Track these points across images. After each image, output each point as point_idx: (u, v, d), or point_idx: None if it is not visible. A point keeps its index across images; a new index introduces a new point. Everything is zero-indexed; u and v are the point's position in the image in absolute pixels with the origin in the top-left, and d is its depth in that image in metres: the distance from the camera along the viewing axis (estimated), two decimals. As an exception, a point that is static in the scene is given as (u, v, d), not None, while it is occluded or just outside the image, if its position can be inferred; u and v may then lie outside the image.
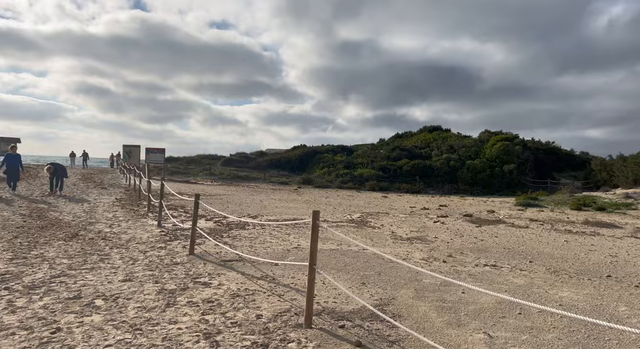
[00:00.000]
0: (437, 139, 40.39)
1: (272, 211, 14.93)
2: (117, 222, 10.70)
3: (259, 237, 9.27)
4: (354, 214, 15.34)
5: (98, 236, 8.77)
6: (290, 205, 17.41)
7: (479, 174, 31.85)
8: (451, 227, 12.23)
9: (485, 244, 9.46)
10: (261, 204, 17.05)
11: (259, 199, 19.67)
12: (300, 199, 21.24)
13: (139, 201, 15.62)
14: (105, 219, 11.20)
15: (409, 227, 11.97)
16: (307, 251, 7.96)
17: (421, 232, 10.92)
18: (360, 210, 16.79)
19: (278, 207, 16.31)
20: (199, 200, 7.37)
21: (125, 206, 14.05)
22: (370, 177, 33.82)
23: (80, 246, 7.68)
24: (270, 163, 41.01)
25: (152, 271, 6.18)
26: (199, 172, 37.00)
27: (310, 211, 15.17)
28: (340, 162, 37.88)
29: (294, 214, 14.21)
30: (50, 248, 7.40)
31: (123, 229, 9.70)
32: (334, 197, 23.77)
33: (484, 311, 4.82)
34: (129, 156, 34.31)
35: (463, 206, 21.21)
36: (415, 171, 33.62)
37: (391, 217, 14.54)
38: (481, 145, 36.10)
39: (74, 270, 6.07)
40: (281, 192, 26.19)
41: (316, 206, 17.52)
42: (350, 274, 6.35)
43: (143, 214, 12.39)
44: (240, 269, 6.48)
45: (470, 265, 7.28)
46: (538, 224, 14.10)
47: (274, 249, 8.09)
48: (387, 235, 10.37)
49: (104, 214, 12.16)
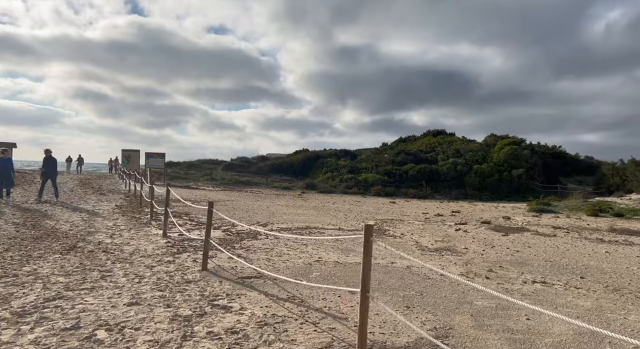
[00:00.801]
0: (442, 143, 39.63)
1: (281, 218, 14.12)
2: (118, 232, 9.88)
3: (274, 249, 8.47)
4: (367, 221, 14.54)
5: (98, 248, 7.96)
6: (298, 211, 16.61)
7: (487, 179, 31.08)
8: (476, 236, 11.44)
9: (523, 255, 8.67)
10: (268, 211, 16.25)
11: (264, 205, 18.86)
12: (307, 205, 20.44)
13: (140, 208, 14.80)
14: (105, 228, 10.39)
15: (431, 236, 11.17)
16: (330, 265, 7.18)
17: (447, 242, 10.13)
18: (372, 217, 16.00)
19: (287, 214, 15.51)
20: (212, 208, 6.56)
21: (126, 214, 13.23)
22: (376, 182, 33.03)
23: (79, 260, 6.87)
24: (272, 168, 40.17)
25: (161, 292, 5.38)
26: (199, 177, 36.17)
27: (321, 218, 14.09)
28: (343, 166, 37.07)
29: (305, 222, 13.41)
30: (45, 263, 6.59)
31: (125, 240, 8.89)
32: (341, 203, 22.99)
33: (566, 345, 4.03)
34: (128, 161, 33.48)
35: (476, 212, 20.43)
36: (422, 175, 32.84)
37: (408, 225, 13.75)
38: (488, 149, 35.34)
39: (72, 291, 5.27)
40: (285, 197, 25.39)
41: (325, 213, 16.74)
42: (390, 296, 5.54)
43: (146, 223, 11.58)
44: (261, 288, 5.67)
45: (517, 282, 6.49)
46: (563, 232, 13.33)
47: (294, 263, 7.29)
48: (412, 245, 9.58)
49: (103, 222, 11.35)
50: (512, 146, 32.90)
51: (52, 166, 15.29)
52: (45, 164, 15.30)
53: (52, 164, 15.34)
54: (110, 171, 44.31)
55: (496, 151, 33.75)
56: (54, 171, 15.30)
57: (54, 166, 15.37)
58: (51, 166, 15.28)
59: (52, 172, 15.25)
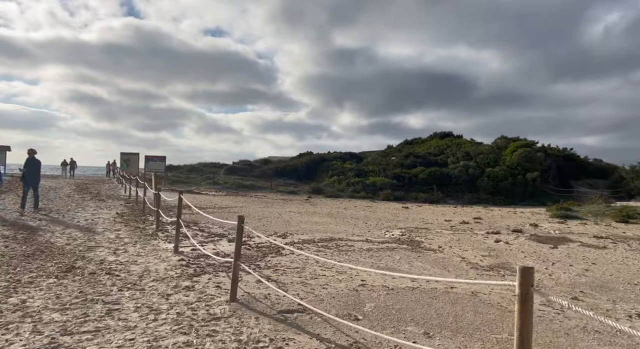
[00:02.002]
0: (451, 146, 38.49)
1: (299, 227, 12.93)
2: (122, 246, 8.68)
3: (306, 269, 7.28)
4: (392, 230, 13.36)
5: (101, 268, 6.76)
6: (314, 219, 15.41)
7: (500, 183, 29.95)
8: (522, 249, 10.27)
9: (596, 275, 7.50)
10: (282, 219, 15.04)
11: (276, 212, 17.65)
12: (319, 211, 19.23)
13: (143, 217, 13.58)
14: (107, 241, 9.17)
15: (473, 249, 10.00)
16: (380, 291, 5.94)
17: (497, 258, 8.95)
18: (394, 225, 14.81)
19: (303, 222, 14.31)
20: (243, 224, 5.37)
21: (129, 223, 12.01)
22: (384, 186, 31.86)
23: (78, 287, 5.67)
24: (276, 171, 38.94)
25: (185, 335, 4.19)
26: (201, 181, 34.93)
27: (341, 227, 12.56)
28: (350, 170, 35.89)
29: (326, 232, 12.22)
30: (37, 292, 5.38)
31: (132, 257, 7.68)
32: (353, 209, 21.80)
33: None
34: (127, 165, 32.23)
35: (497, 219, 19.29)
36: (432, 179, 31.69)
37: (438, 235, 12.58)
38: (499, 152, 34.25)
39: (70, 335, 4.07)
40: (293, 203, 24.19)
41: (343, 221, 15.55)
42: (478, 340, 4.35)
43: (152, 234, 10.37)
44: (311, 329, 4.49)
45: (619, 315, 5.31)
46: (609, 242, 12.20)
47: (336, 289, 6.10)
48: (459, 262, 8.40)
49: (104, 234, 10.13)
50: (525, 149, 31.81)
51: (34, 169, 13.11)
52: (27, 166, 13.09)
53: (35, 166, 13.16)
54: (108, 175, 43.02)
55: (508, 154, 32.65)
56: (36, 175, 13.14)
57: (36, 169, 13.18)
58: (33, 169, 13.09)
59: (34, 177, 13.09)
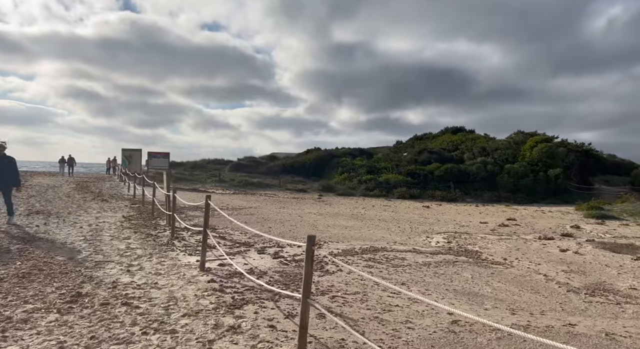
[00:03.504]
0: (465, 141, 37.05)
1: (329, 233, 11.52)
2: (135, 260, 7.26)
3: (368, 294, 5.86)
4: (432, 235, 11.96)
5: (114, 294, 5.34)
6: (340, 222, 13.99)
7: (520, 180, 28.55)
8: (599, 259, 8.87)
9: None
10: (305, 222, 13.62)
11: (295, 213, 16.23)
12: (342, 212, 17.81)
13: (153, 221, 12.15)
14: (117, 253, 7.75)
15: (544, 261, 8.60)
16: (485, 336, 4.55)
17: (584, 275, 7.53)
18: (430, 228, 13.40)
19: (330, 226, 12.89)
20: (314, 246, 3.95)
21: (138, 229, 10.58)
22: (398, 184, 30.43)
23: (88, 328, 4.26)
24: (283, 168, 37.46)
25: None
26: (206, 178, 33.45)
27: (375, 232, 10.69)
28: (360, 166, 34.42)
29: (361, 238, 10.81)
30: (33, 338, 3.97)
31: (150, 277, 6.26)
32: (372, 209, 20.39)
33: None
34: (129, 161, 30.74)
35: (529, 219, 17.89)
36: (449, 176, 30.26)
37: (485, 241, 11.18)
38: (517, 147, 32.84)
39: None
40: (307, 202, 22.77)
41: (372, 224, 14.14)
42: None
43: (167, 243, 8.95)
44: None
45: None
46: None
47: (425, 330, 4.69)
48: (543, 281, 6.98)
49: (113, 243, 8.70)
50: (546, 144, 30.38)
51: (2, 170, 10.03)
52: None
53: (3, 165, 10.06)
54: (108, 172, 41.49)
55: (527, 149, 31.22)
56: (5, 177, 10.10)
57: (6, 170, 10.08)
58: (2, 170, 10.03)
59: (4, 179, 10.13)
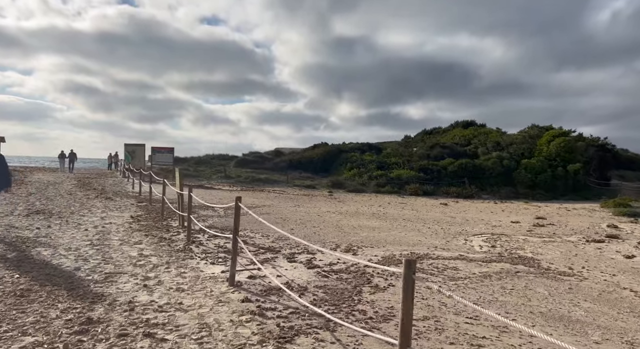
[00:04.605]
0: (477, 135, 36.01)
1: (358, 235, 10.51)
2: (152, 271, 6.26)
3: (441, 321, 4.85)
4: (469, 237, 10.95)
5: (132, 321, 4.34)
6: (363, 222, 12.98)
7: (538, 176, 27.54)
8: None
9: None
10: (327, 222, 12.61)
11: (312, 212, 15.22)
12: (362, 211, 16.79)
13: (164, 221, 11.14)
14: (129, 262, 6.75)
15: (620, 272, 7.60)
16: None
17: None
18: (462, 229, 12.39)
19: (356, 227, 11.88)
20: (414, 274, 2.95)
21: (149, 231, 9.57)
22: (411, 180, 29.41)
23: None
24: (290, 164, 36.42)
25: None
26: (211, 174, 32.42)
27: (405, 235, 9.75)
28: (370, 162, 33.38)
29: (397, 242, 9.81)
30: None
31: (171, 294, 5.26)
32: (387, 206, 19.37)
33: None
34: (132, 157, 29.72)
35: (556, 217, 16.87)
36: (463, 171, 29.25)
37: (529, 244, 10.18)
38: (532, 142, 31.80)
39: None
40: (318, 199, 21.75)
41: (397, 224, 13.13)
42: None
43: (184, 248, 7.95)
44: None
45: None
46: None
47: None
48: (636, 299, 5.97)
49: (123, 249, 7.70)
50: (564, 138, 29.36)
51: None
52: None
53: None
54: (110, 168, 40.48)
55: (544, 144, 30.19)
56: None
57: None
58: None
59: None
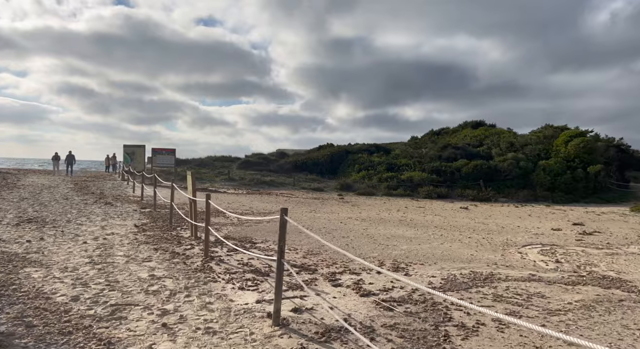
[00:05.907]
0: (489, 136, 34.79)
1: (396, 249, 9.19)
2: (169, 302, 4.93)
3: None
4: (520, 249, 9.64)
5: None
6: (393, 231, 11.66)
7: (558, 177, 26.31)
8: None
9: None
10: (354, 231, 11.29)
11: (333, 218, 13.88)
12: (385, 217, 15.45)
13: (173, 231, 9.79)
14: (139, 287, 5.42)
15: None
16: None
17: None
18: (503, 239, 11.08)
19: (389, 237, 10.56)
20: None
21: (158, 244, 8.22)
22: (423, 182, 28.12)
23: None
24: (294, 165, 35.09)
25: None
26: (214, 176, 31.07)
27: (454, 248, 8.01)
28: (379, 163, 32.08)
29: (447, 257, 8.50)
30: None
31: (201, 340, 3.93)
32: (406, 211, 18.04)
33: None
34: (131, 159, 28.33)
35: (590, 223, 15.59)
36: (478, 173, 27.98)
37: (600, 259, 8.87)
38: (547, 142, 30.58)
39: None
40: (331, 203, 20.42)
41: (431, 233, 11.83)
42: None
43: (203, 267, 6.62)
44: None
45: None
46: None
47: None
48: None
49: (130, 268, 6.36)
50: (583, 138, 28.16)
51: None
52: None
53: None
54: (107, 170, 39.04)
55: (561, 144, 28.97)
56: None
57: None
58: None
59: None
